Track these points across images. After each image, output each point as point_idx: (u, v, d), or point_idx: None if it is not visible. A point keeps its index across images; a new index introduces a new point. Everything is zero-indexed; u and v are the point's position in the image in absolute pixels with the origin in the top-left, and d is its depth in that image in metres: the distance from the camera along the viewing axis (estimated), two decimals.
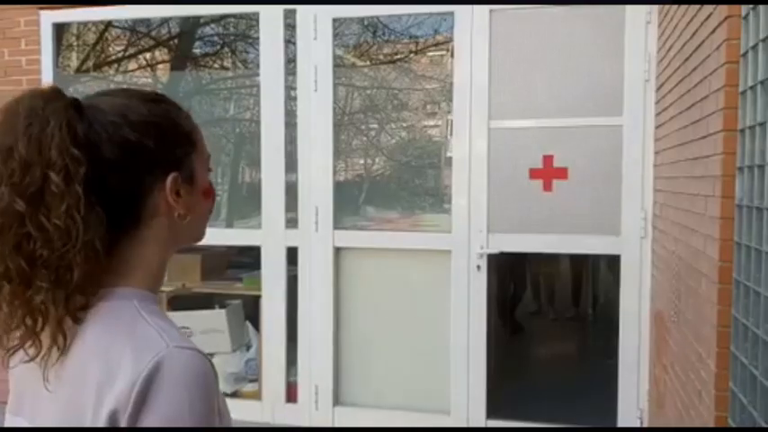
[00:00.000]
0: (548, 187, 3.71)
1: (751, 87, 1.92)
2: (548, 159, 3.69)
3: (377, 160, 5.85)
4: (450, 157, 3.99)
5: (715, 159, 2.16)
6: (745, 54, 1.97)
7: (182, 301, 4.54)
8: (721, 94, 2.09)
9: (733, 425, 1.99)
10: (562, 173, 3.69)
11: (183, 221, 0.98)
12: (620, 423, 3.68)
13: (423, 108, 5.52)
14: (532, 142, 3.75)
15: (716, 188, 2.13)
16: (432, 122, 5.69)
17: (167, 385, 0.83)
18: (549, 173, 3.70)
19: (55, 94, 0.89)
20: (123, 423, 0.80)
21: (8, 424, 0.95)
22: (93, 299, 0.87)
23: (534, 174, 3.72)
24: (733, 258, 2.04)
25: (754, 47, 1.88)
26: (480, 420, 3.83)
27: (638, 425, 3.64)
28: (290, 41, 4.21)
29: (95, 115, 0.90)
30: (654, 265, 3.52)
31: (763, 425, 1.71)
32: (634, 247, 3.62)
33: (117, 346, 0.85)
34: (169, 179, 0.95)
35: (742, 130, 2.00)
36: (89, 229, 0.83)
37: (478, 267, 3.82)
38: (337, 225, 4.10)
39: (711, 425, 2.12)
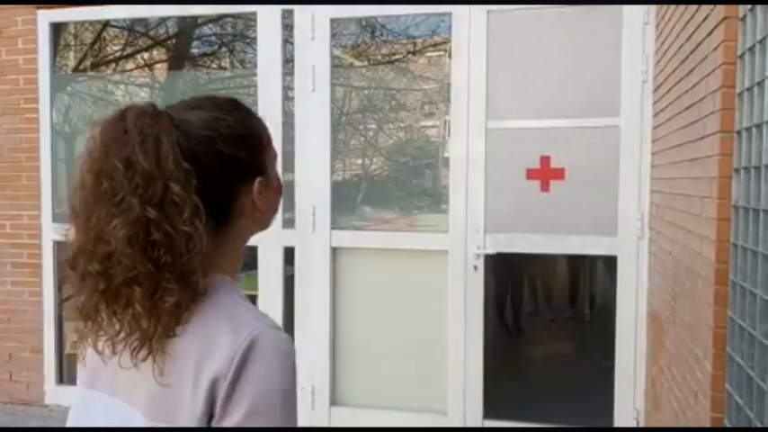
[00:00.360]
0: (545, 188, 3.71)
1: (748, 89, 1.92)
2: (545, 160, 3.70)
3: (374, 160, 5.84)
4: (448, 158, 3.99)
5: (712, 160, 2.16)
6: (742, 55, 1.98)
7: None
8: (718, 96, 2.09)
9: (729, 426, 1.99)
10: (559, 173, 3.69)
11: (261, 216, 1.08)
12: (617, 424, 3.68)
13: (420, 108, 5.51)
14: (530, 143, 3.75)
15: (713, 189, 2.13)
16: (430, 123, 5.68)
17: (261, 359, 0.93)
18: (546, 173, 3.70)
19: (158, 111, 0.97)
20: (223, 390, 0.91)
21: (81, 397, 1.07)
22: None
23: (531, 174, 3.72)
24: (729, 260, 2.04)
25: (752, 48, 1.89)
26: (477, 420, 3.83)
27: (634, 425, 3.64)
28: (287, 41, 4.21)
29: (190, 130, 0.98)
30: (650, 265, 3.52)
31: (759, 426, 1.71)
32: (631, 248, 3.62)
33: (216, 326, 0.95)
34: (256, 183, 1.05)
35: (739, 132, 2.00)
36: (203, 235, 0.93)
37: (475, 268, 3.82)
38: (334, 225, 4.10)
39: (708, 426, 2.12)
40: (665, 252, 3.06)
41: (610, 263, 3.77)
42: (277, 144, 3.87)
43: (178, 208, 0.91)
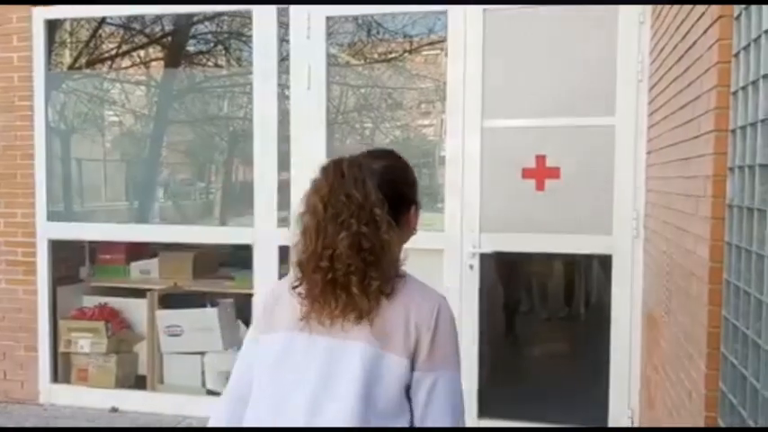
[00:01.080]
0: (540, 187, 3.71)
1: (743, 87, 1.91)
2: (540, 159, 3.69)
3: None
4: (444, 156, 3.99)
5: (706, 159, 2.16)
6: (737, 54, 1.97)
7: (173, 300, 4.53)
8: (713, 94, 2.09)
9: (723, 425, 1.99)
10: (555, 172, 3.69)
11: (412, 231, 1.62)
12: (611, 422, 3.68)
13: (417, 107, 5.51)
14: (525, 142, 3.75)
15: (707, 188, 2.13)
16: (426, 122, 5.68)
17: (446, 318, 1.49)
18: (541, 172, 3.70)
19: (360, 162, 1.48)
20: (426, 335, 1.43)
21: (285, 338, 1.49)
22: None
23: (527, 173, 3.72)
24: (723, 259, 2.04)
25: (746, 47, 1.88)
26: (472, 420, 3.83)
27: (628, 425, 3.64)
28: (284, 40, 4.20)
29: (380, 174, 1.49)
30: (645, 265, 3.52)
31: (752, 425, 1.71)
32: (626, 247, 3.62)
33: (412, 296, 1.48)
34: (412, 209, 1.59)
35: (733, 131, 1.99)
36: (396, 241, 1.47)
37: (471, 267, 3.81)
38: None
39: (701, 425, 2.12)
40: (660, 251, 3.06)
41: (605, 262, 3.77)
42: (272, 142, 3.87)
43: (379, 224, 1.42)
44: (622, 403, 3.66)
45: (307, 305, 1.45)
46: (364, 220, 1.41)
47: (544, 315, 6.07)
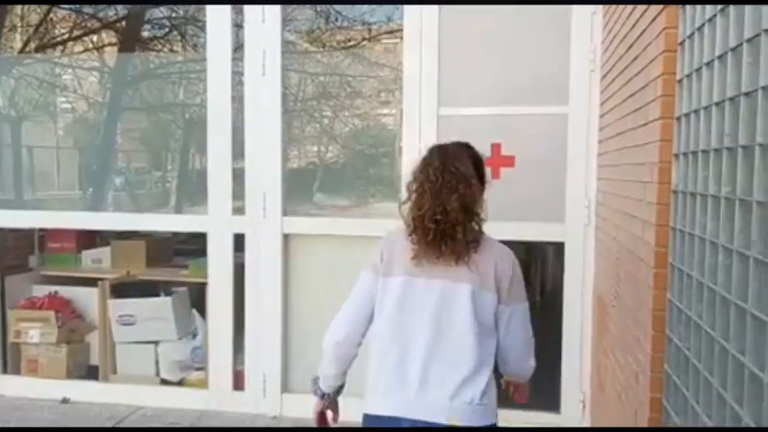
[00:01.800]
0: (495, 175, 3.73)
1: (687, 75, 1.95)
2: (495, 147, 3.72)
3: (330, 148, 5.81)
4: (402, 146, 3.98)
5: (653, 146, 2.20)
6: (682, 43, 2.01)
7: (126, 289, 4.46)
8: (659, 82, 2.13)
9: (667, 406, 2.04)
10: (509, 161, 3.72)
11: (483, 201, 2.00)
12: (564, 406, 3.75)
13: (377, 96, 5.50)
14: (481, 130, 3.75)
15: (653, 175, 2.18)
16: (386, 111, 5.67)
17: (517, 268, 1.99)
18: (496, 161, 3.72)
19: (456, 145, 2.03)
20: (507, 280, 1.94)
21: (404, 281, 1.94)
22: None
23: None
24: (668, 243, 2.09)
25: (691, 36, 1.92)
26: None
27: (580, 408, 3.71)
28: (239, 25, 4.14)
29: (471, 156, 2.02)
30: (596, 251, 3.58)
31: (695, 405, 1.76)
32: (578, 235, 3.68)
33: (495, 248, 1.98)
34: (486, 184, 2.04)
35: (678, 118, 2.04)
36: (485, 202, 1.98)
37: None
38: (289, 212, 4.07)
39: (647, 406, 2.17)
40: (610, 237, 3.12)
41: (558, 249, 3.82)
42: (226, 129, 3.82)
43: (477, 190, 1.95)
44: (574, 387, 3.73)
45: (418, 250, 1.91)
46: (467, 187, 1.90)
47: None
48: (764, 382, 1.30)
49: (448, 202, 1.87)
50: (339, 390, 2.20)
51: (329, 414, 2.23)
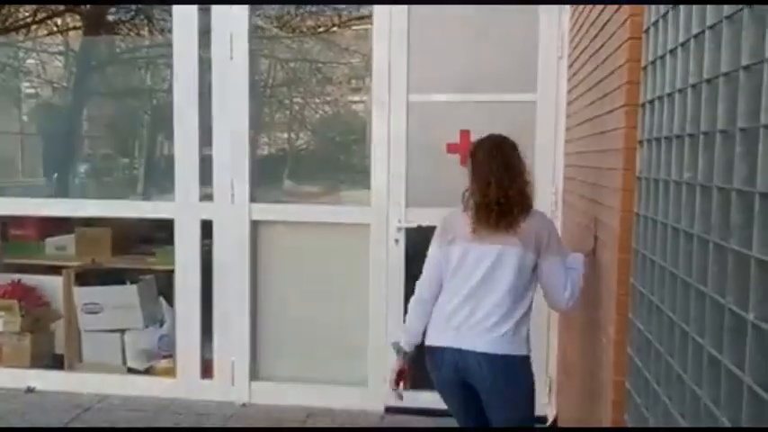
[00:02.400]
0: (464, 161, 3.73)
1: (652, 62, 1.97)
2: (464, 134, 3.72)
3: (300, 135, 5.77)
4: (372, 132, 3.97)
5: (618, 133, 2.22)
6: (647, 30, 2.03)
7: (92, 276, 4.39)
8: (625, 69, 2.15)
9: (630, 388, 2.08)
10: None
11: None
12: None
13: (347, 82, 5.46)
14: (450, 117, 3.77)
15: (618, 161, 2.20)
16: (356, 98, 5.64)
17: (555, 229, 2.55)
18: (466, 147, 3.72)
19: (502, 140, 2.52)
20: (545, 244, 2.42)
21: (464, 247, 2.45)
22: None
23: (451, 148, 3.74)
24: (632, 228, 2.12)
25: (656, 23, 1.94)
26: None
27: (546, 392, 3.76)
28: (207, 9, 4.07)
29: (513, 146, 2.51)
30: (562, 237, 3.61)
31: (656, 387, 1.79)
32: None
33: (537, 219, 2.45)
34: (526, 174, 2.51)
35: (643, 105, 2.06)
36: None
37: (396, 241, 3.84)
38: (258, 199, 4.04)
39: (610, 389, 2.21)
40: (575, 224, 3.15)
41: None
42: (193, 115, 3.76)
43: (524, 176, 2.44)
44: (541, 371, 3.77)
45: (477, 225, 2.43)
46: (519, 174, 2.45)
47: None
48: (722, 364, 1.33)
49: (510, 189, 2.41)
50: (417, 349, 2.62)
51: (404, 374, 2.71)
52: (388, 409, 3.85)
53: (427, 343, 2.55)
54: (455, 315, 2.46)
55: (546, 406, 3.77)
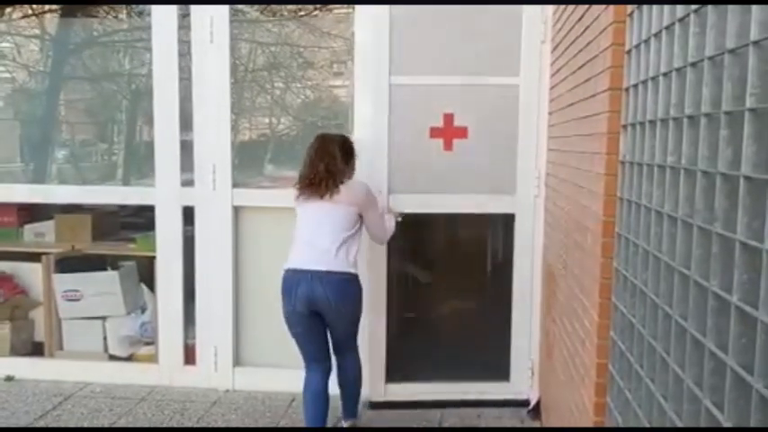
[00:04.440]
0: (448, 146, 3.74)
1: (636, 46, 1.97)
2: (448, 118, 3.71)
3: (282, 120, 5.72)
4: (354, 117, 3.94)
5: (602, 117, 2.23)
6: (631, 14, 2.03)
7: (71, 263, 4.34)
8: (608, 53, 2.14)
9: (613, 371, 2.09)
10: (462, 132, 3.72)
11: (353, 169, 3.37)
12: (513, 373, 3.83)
13: (329, 67, 5.42)
14: (432, 100, 3.74)
15: (602, 145, 2.20)
16: (338, 82, 5.60)
17: (368, 192, 3.30)
18: (449, 132, 3.72)
19: (329, 137, 3.36)
20: (362, 198, 3.24)
21: (303, 207, 3.27)
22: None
23: (434, 133, 3.73)
24: (616, 213, 2.12)
25: (640, 6, 1.93)
26: (380, 377, 3.88)
27: (528, 375, 3.79)
28: None
29: (342, 143, 3.32)
30: (546, 222, 3.63)
31: (639, 369, 1.80)
32: (528, 206, 3.72)
33: (353, 186, 3.26)
34: (351, 161, 3.34)
35: (627, 89, 2.06)
36: (344, 169, 3.26)
37: None
38: (240, 184, 4.01)
39: (593, 372, 2.22)
40: (558, 208, 3.16)
41: (508, 220, 3.85)
42: (173, 99, 3.69)
43: (340, 162, 3.23)
44: (524, 354, 3.81)
45: (306, 192, 3.22)
46: (335, 160, 3.22)
47: (452, 274, 6.18)
48: (706, 347, 1.34)
49: (321, 168, 3.20)
50: None
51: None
52: (373, 405, 3.84)
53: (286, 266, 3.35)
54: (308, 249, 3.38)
55: (529, 389, 3.80)
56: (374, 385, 3.84)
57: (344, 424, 3.47)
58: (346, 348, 3.37)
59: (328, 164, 3.18)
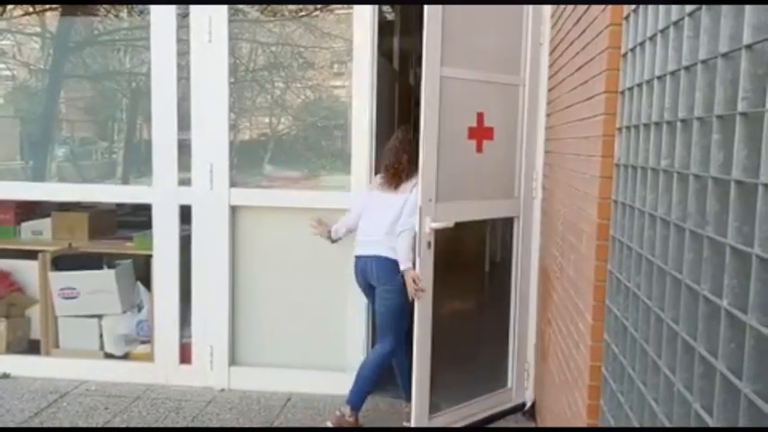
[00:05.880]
0: (479, 148, 3.68)
1: (631, 49, 1.97)
2: (480, 117, 3.64)
3: (282, 120, 5.72)
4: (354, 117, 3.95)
5: (597, 120, 2.23)
6: (627, 17, 2.03)
7: (68, 261, 4.34)
8: (605, 56, 2.14)
9: (606, 373, 2.09)
10: (489, 132, 3.59)
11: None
12: (510, 374, 3.82)
13: (329, 67, 5.42)
14: (470, 97, 3.65)
15: (597, 148, 2.20)
16: (338, 82, 5.60)
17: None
18: (480, 132, 3.65)
19: (401, 132, 3.64)
20: (411, 197, 3.43)
21: (370, 195, 3.64)
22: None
23: (471, 133, 3.67)
24: (610, 216, 2.12)
25: (636, 9, 1.93)
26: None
27: (524, 377, 3.79)
28: None
29: (406, 135, 3.61)
30: (542, 224, 3.62)
31: (631, 372, 1.80)
32: (527, 209, 3.70)
33: (412, 180, 3.49)
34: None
35: (622, 92, 2.06)
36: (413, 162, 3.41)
37: None
38: (239, 184, 4.01)
39: (587, 374, 2.22)
40: (555, 210, 3.16)
41: (507, 222, 3.83)
42: (171, 99, 3.68)
43: (410, 157, 3.46)
44: (521, 356, 3.80)
45: (383, 182, 3.55)
46: (406, 151, 3.48)
47: (446, 276, 6.15)
48: (696, 351, 1.33)
49: (399, 157, 3.50)
50: None
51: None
52: None
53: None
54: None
55: (524, 391, 3.80)
56: None
57: (329, 423, 3.48)
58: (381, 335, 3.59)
59: (410, 155, 3.43)
